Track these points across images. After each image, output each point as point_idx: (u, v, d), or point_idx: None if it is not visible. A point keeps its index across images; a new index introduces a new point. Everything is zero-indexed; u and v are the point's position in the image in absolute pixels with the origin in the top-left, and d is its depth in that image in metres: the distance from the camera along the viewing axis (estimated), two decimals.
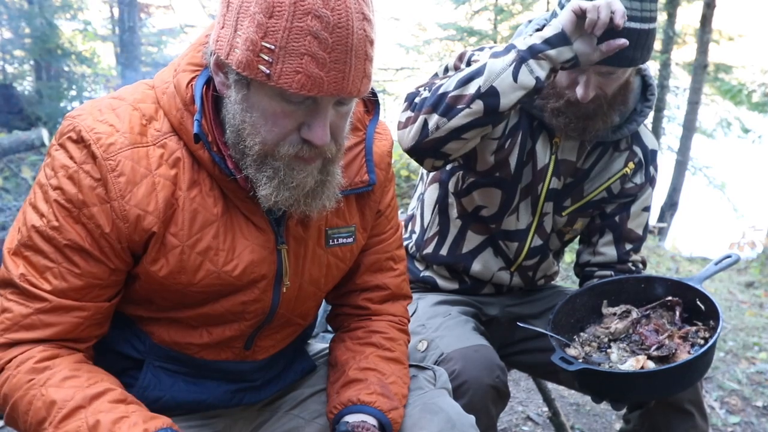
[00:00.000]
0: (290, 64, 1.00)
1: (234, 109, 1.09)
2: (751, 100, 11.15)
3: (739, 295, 5.61)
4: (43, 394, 1.08)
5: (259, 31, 1.00)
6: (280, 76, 1.00)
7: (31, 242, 1.11)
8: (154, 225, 1.12)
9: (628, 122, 1.78)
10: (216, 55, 1.07)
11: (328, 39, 0.99)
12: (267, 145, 1.09)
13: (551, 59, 1.49)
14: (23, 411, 1.09)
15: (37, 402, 1.08)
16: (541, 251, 1.90)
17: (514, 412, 3.03)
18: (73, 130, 1.11)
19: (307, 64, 1.00)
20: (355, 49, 1.02)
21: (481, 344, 1.66)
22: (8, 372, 1.11)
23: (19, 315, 1.12)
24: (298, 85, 1.00)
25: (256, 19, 1.00)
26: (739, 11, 12.92)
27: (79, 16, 11.51)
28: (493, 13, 12.16)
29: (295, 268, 1.27)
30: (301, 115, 1.07)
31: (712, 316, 1.62)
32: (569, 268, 4.66)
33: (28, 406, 1.08)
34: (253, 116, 1.07)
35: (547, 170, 1.79)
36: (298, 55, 0.99)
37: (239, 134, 1.10)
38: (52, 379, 1.09)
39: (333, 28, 0.99)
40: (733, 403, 3.30)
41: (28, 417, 1.08)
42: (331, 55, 1.00)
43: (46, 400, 1.07)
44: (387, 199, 1.41)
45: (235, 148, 1.12)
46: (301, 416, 1.42)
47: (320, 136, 1.07)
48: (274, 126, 1.07)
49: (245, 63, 1.02)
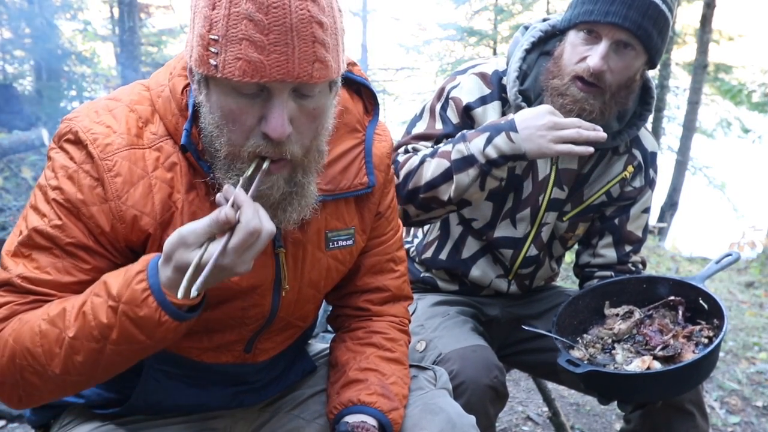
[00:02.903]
0: (231, 51, 0.97)
1: (203, 113, 1.08)
2: (751, 100, 11.15)
3: (739, 295, 5.61)
4: (45, 317, 1.05)
5: (206, 24, 0.99)
6: (225, 66, 0.98)
7: (32, 241, 1.10)
8: (150, 226, 1.12)
9: (628, 127, 1.77)
10: (188, 61, 1.07)
11: (263, 20, 0.96)
12: (233, 147, 1.06)
13: (509, 164, 1.60)
14: (33, 345, 1.04)
15: (42, 326, 1.04)
16: (536, 261, 1.89)
17: (514, 412, 3.02)
18: (70, 131, 1.11)
19: (246, 48, 0.97)
20: (296, 30, 0.97)
21: (479, 344, 1.65)
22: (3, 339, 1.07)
23: (16, 304, 1.09)
24: (240, 71, 0.97)
25: (203, 13, 0.99)
26: (739, 11, 12.93)
27: (79, 16, 11.51)
28: (493, 13, 12.16)
29: (294, 272, 1.26)
30: (258, 109, 1.03)
31: (716, 314, 1.62)
32: (569, 268, 4.66)
33: (34, 337, 1.04)
34: (215, 117, 1.05)
35: (548, 181, 1.79)
36: (237, 41, 0.97)
37: (210, 138, 1.08)
38: (50, 307, 1.07)
39: (268, 8, 0.97)
40: (733, 403, 3.30)
41: (40, 346, 1.04)
42: (269, 36, 0.97)
43: (50, 318, 1.04)
44: (387, 201, 1.40)
45: (209, 153, 1.11)
46: (301, 416, 1.41)
47: (275, 127, 1.01)
48: (234, 124, 1.04)
49: (199, 60, 1.01)
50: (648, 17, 1.54)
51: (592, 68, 1.58)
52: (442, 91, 1.79)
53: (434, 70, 14.37)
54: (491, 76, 1.76)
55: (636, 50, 1.59)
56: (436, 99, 1.80)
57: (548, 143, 1.52)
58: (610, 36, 1.57)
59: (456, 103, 1.74)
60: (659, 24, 1.57)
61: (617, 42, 1.58)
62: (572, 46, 1.63)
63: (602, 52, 1.58)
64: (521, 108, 1.68)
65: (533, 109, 1.57)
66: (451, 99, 1.75)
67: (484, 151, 1.57)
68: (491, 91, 1.74)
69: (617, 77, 1.61)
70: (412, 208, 1.69)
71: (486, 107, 1.74)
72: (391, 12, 22.72)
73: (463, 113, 1.73)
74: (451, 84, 1.78)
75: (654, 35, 1.57)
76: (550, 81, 1.66)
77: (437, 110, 1.78)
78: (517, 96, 1.70)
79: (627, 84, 1.65)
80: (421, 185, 1.64)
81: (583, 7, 1.59)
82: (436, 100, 1.79)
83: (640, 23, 1.54)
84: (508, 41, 12.07)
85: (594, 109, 1.63)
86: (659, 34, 1.59)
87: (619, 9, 1.54)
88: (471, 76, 1.76)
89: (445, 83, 1.80)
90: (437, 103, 1.78)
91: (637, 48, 1.59)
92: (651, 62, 1.66)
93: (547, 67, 1.69)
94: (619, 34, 1.56)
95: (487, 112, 1.73)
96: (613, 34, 1.57)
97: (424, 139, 1.76)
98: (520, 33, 1.81)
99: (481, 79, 1.75)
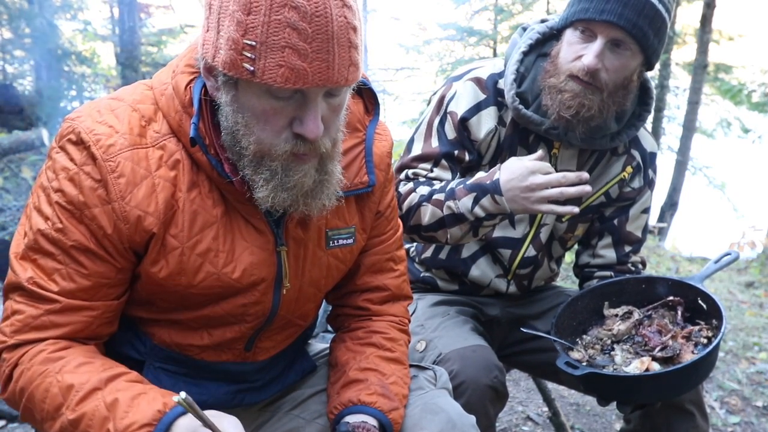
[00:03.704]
0: (272, 58, 0.99)
1: (226, 112, 1.08)
2: (751, 100, 11.15)
3: (739, 295, 5.61)
4: (59, 380, 1.07)
5: (240, 29, 0.99)
6: (264, 72, 1.00)
7: (38, 245, 1.11)
8: (154, 226, 1.12)
9: (626, 127, 1.77)
10: (204, 59, 1.07)
11: (307, 29, 0.98)
12: (262, 145, 1.08)
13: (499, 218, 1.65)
14: (40, 399, 1.08)
15: (53, 389, 1.07)
16: (534, 261, 1.90)
17: (514, 412, 3.03)
18: (72, 132, 1.11)
19: (289, 56, 0.99)
20: (336, 37, 1.00)
21: (479, 344, 1.65)
22: (22, 366, 1.11)
23: (29, 316, 1.11)
24: (282, 78, 0.99)
25: (235, 17, 1.00)
26: (739, 11, 12.94)
27: (79, 16, 11.51)
28: (493, 13, 12.18)
29: (295, 270, 1.27)
30: (291, 111, 1.06)
31: (714, 314, 1.62)
32: (569, 268, 4.66)
33: (44, 393, 1.08)
34: (245, 116, 1.07)
35: None
36: (279, 49, 0.99)
37: (234, 136, 1.09)
38: (68, 366, 1.09)
39: (311, 17, 0.98)
40: (733, 403, 3.30)
41: (45, 405, 1.08)
42: (312, 45, 0.99)
43: (62, 385, 1.07)
44: (387, 200, 1.41)
45: (232, 151, 1.12)
46: (301, 416, 1.42)
47: (312, 129, 1.06)
48: (266, 124, 1.06)
49: (230, 63, 1.01)
50: (644, 16, 1.54)
51: (587, 66, 1.58)
52: (441, 102, 1.79)
53: (434, 70, 14.38)
54: (486, 80, 1.76)
55: (632, 49, 1.59)
56: (435, 112, 1.80)
57: (532, 204, 1.55)
58: (605, 34, 1.57)
59: (452, 117, 1.75)
60: (656, 24, 1.57)
61: (612, 40, 1.58)
62: (568, 44, 1.64)
63: (597, 50, 1.58)
64: (518, 111, 1.69)
65: (517, 168, 1.56)
66: (448, 114, 1.76)
67: (472, 210, 1.61)
68: (486, 97, 1.75)
69: (613, 76, 1.61)
70: (417, 238, 1.77)
71: (481, 114, 1.74)
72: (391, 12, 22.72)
73: (459, 126, 1.75)
74: (449, 95, 1.78)
75: (650, 35, 1.57)
76: (547, 80, 1.67)
77: (435, 125, 1.79)
78: (515, 99, 1.69)
79: (624, 84, 1.64)
80: (421, 225, 1.70)
81: (579, 5, 1.60)
82: (435, 114, 1.80)
83: (635, 22, 1.54)
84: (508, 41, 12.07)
85: (593, 104, 1.62)
86: (656, 34, 1.58)
87: (615, 7, 1.54)
88: (466, 83, 1.76)
89: (444, 92, 1.80)
90: (436, 117, 1.79)
91: (632, 47, 1.58)
92: (648, 63, 1.65)
93: (545, 67, 1.69)
94: (614, 33, 1.56)
95: (481, 120, 1.74)
96: (608, 33, 1.57)
97: (424, 160, 1.78)
98: (518, 34, 1.81)
99: (476, 85, 1.76)
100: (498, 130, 1.76)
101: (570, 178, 1.54)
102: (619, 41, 1.58)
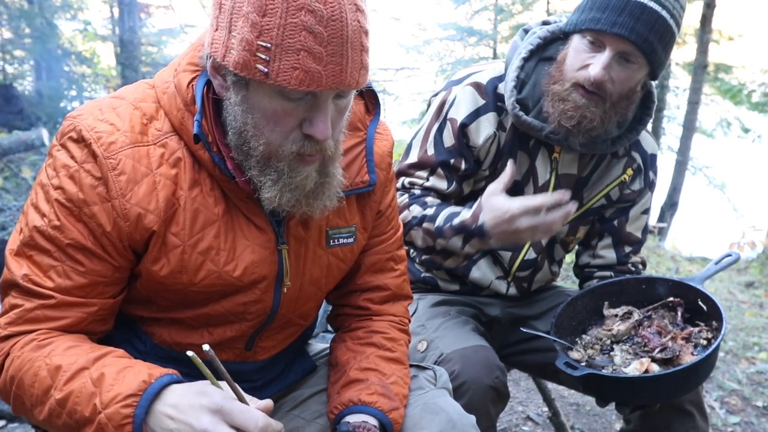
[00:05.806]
0: (287, 60, 1.00)
1: (234, 111, 1.09)
2: (751, 100, 11.16)
3: (739, 295, 5.62)
4: (48, 363, 1.07)
5: (254, 30, 1.00)
6: (278, 74, 1.00)
7: (33, 242, 1.11)
8: (154, 224, 1.12)
9: (627, 131, 1.75)
10: (212, 58, 1.07)
11: (323, 33, 0.99)
12: (271, 146, 1.09)
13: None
14: (29, 384, 1.08)
15: (41, 372, 1.07)
16: (533, 264, 1.90)
17: (514, 412, 3.03)
18: (73, 129, 1.11)
19: (304, 59, 0.99)
20: (350, 41, 1.02)
21: (481, 345, 1.65)
22: (12, 355, 1.11)
23: (24, 310, 1.11)
24: (297, 81, 1.00)
25: (249, 18, 1.00)
26: (739, 11, 12.94)
27: (79, 16, 11.53)
28: (493, 13, 12.19)
29: (296, 269, 1.27)
30: (301, 112, 1.07)
31: (715, 316, 1.61)
32: (569, 267, 4.66)
33: (33, 378, 1.07)
34: (255, 117, 1.07)
35: (548, 186, 1.79)
36: (294, 51, 0.99)
37: (242, 136, 1.10)
38: (57, 350, 1.08)
39: (327, 21, 0.99)
40: (733, 403, 3.31)
41: (34, 389, 1.07)
42: (327, 48, 1.00)
43: (51, 367, 1.06)
44: (387, 200, 1.41)
45: (238, 150, 1.12)
46: (301, 416, 1.42)
47: (322, 131, 1.07)
48: (276, 125, 1.07)
49: (242, 63, 1.02)
50: (655, 32, 1.52)
51: (594, 77, 1.56)
52: (441, 108, 1.79)
53: (434, 70, 14.40)
54: (486, 85, 1.75)
55: (639, 63, 1.57)
56: (434, 118, 1.80)
57: (524, 241, 1.62)
58: (615, 47, 1.55)
59: (452, 124, 1.75)
60: (665, 39, 1.55)
61: (621, 53, 1.56)
62: (576, 51, 1.62)
63: (605, 62, 1.56)
64: (519, 117, 1.68)
65: (502, 212, 1.53)
66: (448, 120, 1.76)
67: (463, 249, 1.64)
68: (486, 102, 1.74)
69: (618, 87, 1.59)
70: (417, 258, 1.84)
71: (480, 120, 1.74)
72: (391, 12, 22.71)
73: (459, 132, 1.74)
74: (449, 100, 1.77)
75: (659, 50, 1.56)
76: (551, 86, 1.65)
77: (433, 132, 1.78)
78: (515, 106, 1.68)
79: (628, 95, 1.63)
80: (416, 245, 1.74)
81: (591, 13, 1.57)
82: (435, 120, 1.80)
83: (646, 37, 1.52)
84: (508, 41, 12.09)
85: (595, 117, 1.61)
86: (664, 48, 1.57)
87: (627, 21, 1.52)
88: (466, 88, 1.76)
89: (444, 97, 1.79)
90: (435, 124, 1.79)
91: (640, 61, 1.57)
92: (653, 74, 1.64)
93: (549, 71, 1.67)
94: (624, 46, 1.55)
95: (480, 126, 1.74)
96: (617, 45, 1.55)
97: (419, 168, 1.79)
98: (519, 37, 1.79)
99: (476, 90, 1.75)
100: (497, 135, 1.75)
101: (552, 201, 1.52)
102: (627, 55, 1.56)
